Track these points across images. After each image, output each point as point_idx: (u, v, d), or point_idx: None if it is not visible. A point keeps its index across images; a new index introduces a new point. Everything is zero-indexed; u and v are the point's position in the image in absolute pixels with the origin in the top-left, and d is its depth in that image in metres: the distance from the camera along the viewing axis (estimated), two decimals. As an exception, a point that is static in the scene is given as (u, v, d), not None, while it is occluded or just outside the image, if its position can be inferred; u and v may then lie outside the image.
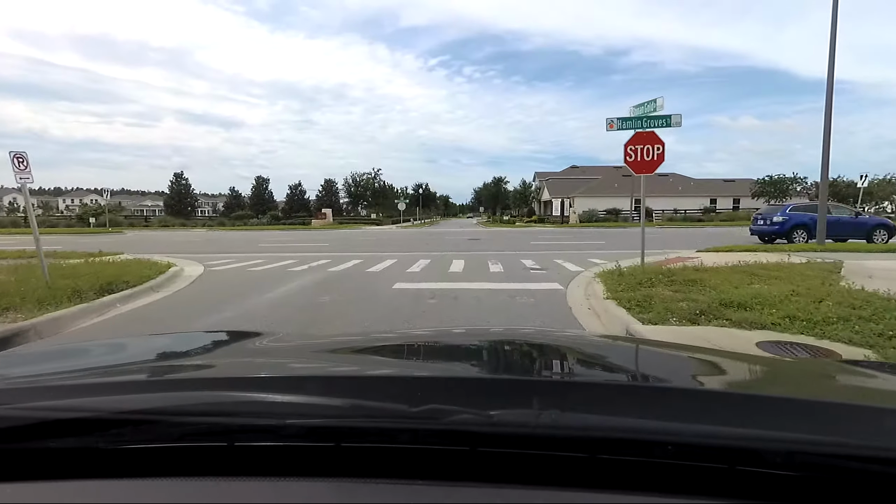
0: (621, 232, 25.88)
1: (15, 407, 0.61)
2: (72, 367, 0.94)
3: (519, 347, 1.17)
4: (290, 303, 6.37)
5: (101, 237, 25.48)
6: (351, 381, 0.75)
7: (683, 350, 1.22)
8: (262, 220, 48.64)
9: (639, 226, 8.12)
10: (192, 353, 1.14)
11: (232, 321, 5.35)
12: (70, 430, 0.57)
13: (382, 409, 0.58)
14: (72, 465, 0.56)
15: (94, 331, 5.03)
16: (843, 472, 0.50)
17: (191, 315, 5.80)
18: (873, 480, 0.49)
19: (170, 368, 0.94)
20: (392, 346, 1.21)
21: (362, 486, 0.52)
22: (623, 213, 41.60)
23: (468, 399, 0.60)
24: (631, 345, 1.51)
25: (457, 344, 1.28)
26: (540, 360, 1.08)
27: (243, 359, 1.02)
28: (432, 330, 3.15)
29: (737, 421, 0.56)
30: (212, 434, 0.57)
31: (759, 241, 15.83)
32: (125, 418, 0.58)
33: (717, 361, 1.00)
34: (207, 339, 1.38)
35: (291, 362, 1.01)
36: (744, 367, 0.98)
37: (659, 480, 0.51)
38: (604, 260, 11.18)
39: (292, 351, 1.14)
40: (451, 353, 1.15)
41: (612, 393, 0.70)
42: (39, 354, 1.20)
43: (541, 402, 0.58)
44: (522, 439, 0.53)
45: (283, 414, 0.59)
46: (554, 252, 13.75)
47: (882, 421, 0.59)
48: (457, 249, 15.21)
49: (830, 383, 0.93)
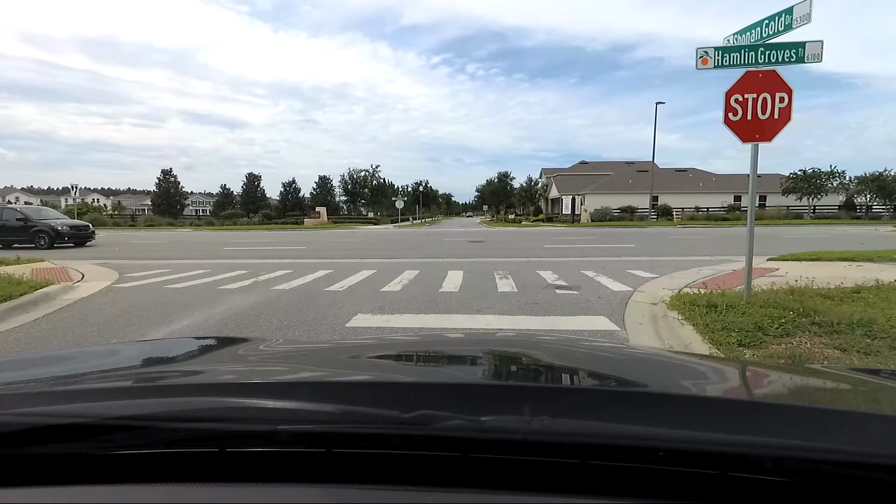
0: (645, 233, 22.96)
1: (4, 413, 0.60)
2: (61, 373, 0.91)
3: (511, 353, 1.17)
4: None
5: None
6: (342, 386, 0.74)
7: (674, 356, 1.24)
8: (253, 220, 45.55)
9: (663, 224, 5.23)
10: (184, 359, 1.10)
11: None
12: (60, 436, 0.57)
13: (374, 414, 0.58)
14: (62, 471, 0.56)
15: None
16: (834, 478, 0.50)
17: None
18: (863, 486, 0.49)
19: (161, 374, 0.93)
20: (384, 351, 1.18)
21: (354, 491, 0.52)
22: (639, 212, 38.61)
23: (460, 405, 0.59)
24: (622, 351, 1.43)
25: (449, 350, 1.26)
26: (531, 365, 1.05)
27: (235, 365, 0.99)
28: (425, 336, 2.88)
29: (727, 427, 0.56)
30: (203, 440, 0.57)
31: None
32: (116, 424, 0.58)
33: (709, 368, 1.02)
34: (199, 344, 1.38)
35: (283, 368, 0.97)
36: (735, 374, 1.00)
37: (650, 486, 0.51)
38: (648, 272, 8.32)
39: (284, 357, 1.10)
40: (443, 358, 1.14)
41: (603, 399, 0.70)
42: (28, 360, 1.20)
43: (532, 408, 0.58)
44: (514, 445, 0.53)
45: (275, 420, 0.58)
46: (578, 260, 10.88)
47: (872, 427, 0.59)
48: (455, 255, 12.37)
49: (821, 389, 0.91)
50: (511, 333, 3.75)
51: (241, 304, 5.99)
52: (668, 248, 13.97)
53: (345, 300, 6.17)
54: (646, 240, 17.33)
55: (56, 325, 5.03)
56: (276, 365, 1.01)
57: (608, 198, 41.53)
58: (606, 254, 12.14)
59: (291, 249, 14.90)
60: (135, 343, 1.69)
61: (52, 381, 0.83)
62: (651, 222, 33.81)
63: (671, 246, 14.49)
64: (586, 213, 38.14)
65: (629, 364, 1.04)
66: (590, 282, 7.49)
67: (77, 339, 4.48)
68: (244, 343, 1.18)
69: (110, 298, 6.54)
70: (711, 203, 40.63)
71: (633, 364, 1.03)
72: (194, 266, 10.17)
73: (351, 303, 5.97)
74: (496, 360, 1.09)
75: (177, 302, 6.18)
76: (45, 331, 4.81)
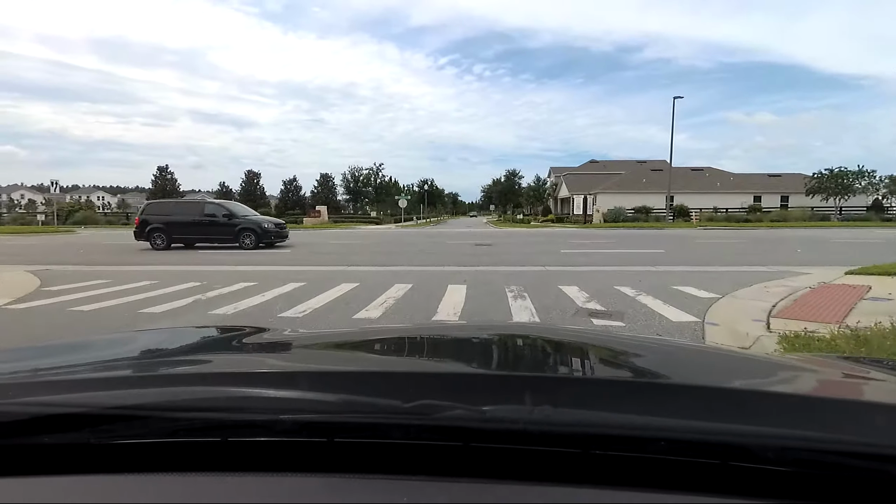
0: (666, 235, 21.03)
1: (6, 402, 0.60)
2: (63, 363, 0.90)
3: (512, 342, 1.13)
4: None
5: (28, 238, 21.34)
6: (344, 376, 0.74)
7: (677, 347, 1.22)
8: None
9: (682, 226, 4.06)
10: (185, 349, 1.08)
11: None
12: (61, 426, 0.57)
13: (375, 404, 0.58)
14: (63, 460, 0.56)
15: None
16: (837, 468, 0.50)
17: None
18: (866, 477, 0.49)
19: (162, 364, 0.92)
20: (386, 341, 1.17)
21: (355, 481, 0.52)
22: (654, 212, 36.60)
23: (461, 394, 0.59)
24: (625, 340, 1.37)
25: (450, 339, 1.22)
26: (533, 355, 1.06)
27: (236, 354, 1.00)
28: (426, 325, 2.93)
29: (730, 417, 0.56)
30: (205, 429, 0.57)
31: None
32: (117, 414, 0.57)
33: (711, 358, 1.00)
34: (200, 334, 1.37)
35: (284, 358, 0.97)
36: (738, 363, 0.98)
37: (652, 476, 0.51)
38: (701, 289, 6.44)
39: (285, 346, 1.09)
40: (445, 348, 1.11)
41: (605, 389, 0.70)
42: (30, 350, 1.17)
43: (533, 398, 0.58)
44: (515, 435, 0.52)
45: (276, 409, 0.58)
46: (605, 270, 9.02)
47: (876, 417, 0.59)
48: (457, 262, 10.54)
49: (825, 379, 0.90)
50: (512, 322, 3.64)
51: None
52: (702, 254, 12.07)
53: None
54: (672, 244, 15.43)
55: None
56: (278, 354, 1.00)
57: (620, 197, 39.48)
58: (635, 261, 10.28)
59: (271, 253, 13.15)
60: (136, 332, 1.50)
61: (53, 370, 0.82)
62: (668, 223, 31.79)
63: (705, 252, 12.58)
64: (599, 213, 36.17)
65: (631, 353, 1.00)
66: (632, 304, 5.65)
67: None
68: (246, 333, 1.16)
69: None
70: (730, 203, 38.52)
71: (635, 353, 1.00)
72: (143, 275, 8.44)
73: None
74: (497, 349, 1.07)
75: (60, 335, 4.40)
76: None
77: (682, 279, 7.46)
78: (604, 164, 58.19)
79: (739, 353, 1.28)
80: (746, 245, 14.69)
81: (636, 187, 42.31)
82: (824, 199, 35.50)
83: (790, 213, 33.83)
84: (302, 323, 4.94)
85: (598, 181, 46.58)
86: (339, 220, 43.66)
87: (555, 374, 0.86)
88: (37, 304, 6.03)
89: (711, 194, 40.91)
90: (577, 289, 6.66)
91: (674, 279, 7.48)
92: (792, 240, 16.72)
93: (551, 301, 5.86)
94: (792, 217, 32.80)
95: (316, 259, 11.50)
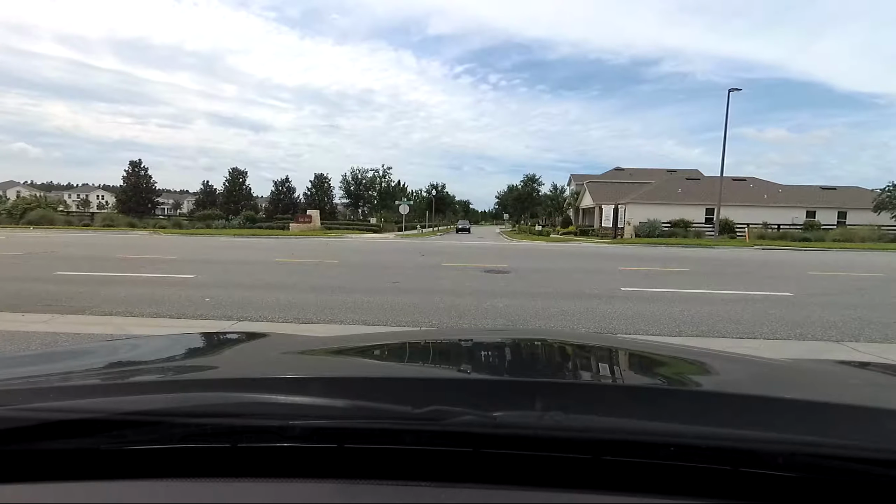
0: (735, 259, 16.26)
1: (17, 408, 0.60)
2: (73, 368, 0.90)
3: (522, 348, 1.15)
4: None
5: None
6: (354, 382, 0.73)
7: (687, 352, 1.22)
8: (232, 222, 38.94)
9: (731, 244, 2.92)
10: (195, 354, 1.09)
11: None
12: (72, 432, 0.56)
13: (386, 410, 0.58)
14: (74, 466, 0.56)
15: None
16: (845, 473, 0.50)
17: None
18: (875, 482, 0.49)
19: (172, 369, 0.91)
20: (396, 346, 1.17)
21: (365, 487, 0.52)
22: (694, 226, 31.81)
23: (471, 400, 0.59)
24: (635, 346, 1.41)
25: (461, 344, 1.25)
26: (543, 360, 1.07)
27: (246, 360, 1.00)
28: (436, 330, 2.91)
29: (739, 422, 0.56)
30: (215, 435, 0.57)
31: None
32: (128, 419, 0.58)
33: (720, 363, 0.99)
34: (209, 340, 1.36)
35: (295, 363, 0.96)
36: (746, 369, 0.97)
37: (662, 482, 0.51)
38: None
39: (295, 352, 1.07)
40: (455, 353, 1.13)
41: (616, 394, 0.69)
42: (40, 355, 1.18)
43: (544, 404, 0.58)
44: (526, 441, 0.53)
45: (287, 415, 0.57)
46: (724, 344, 4.39)
47: (884, 423, 0.58)
48: (451, 311, 6.02)
49: (833, 384, 0.90)
50: (522, 327, 4.03)
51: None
52: (861, 298, 7.39)
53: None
54: (776, 277, 10.75)
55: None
56: (288, 360, 0.98)
57: (652, 209, 34.69)
58: (762, 317, 5.67)
59: (180, 278, 8.72)
60: (146, 338, 1.47)
61: (63, 376, 0.82)
62: (712, 240, 26.97)
63: (856, 295, 7.89)
64: (630, 226, 31.41)
65: (641, 359, 1.00)
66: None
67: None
68: (255, 339, 1.16)
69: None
70: (778, 218, 33.57)
71: (645, 359, 1.00)
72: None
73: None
74: (508, 354, 1.06)
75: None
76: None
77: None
78: (630, 173, 53.56)
79: (750, 358, 1.19)
80: (869, 278, 9.96)
81: (670, 198, 37.53)
82: (894, 216, 30.48)
83: (856, 231, 28.77)
84: None
85: (625, 190, 41.94)
86: (333, 226, 39.42)
87: (565, 379, 0.87)
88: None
89: (757, 207, 36.00)
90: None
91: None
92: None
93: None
94: (858, 237, 27.77)
95: (238, 289, 7.01)
